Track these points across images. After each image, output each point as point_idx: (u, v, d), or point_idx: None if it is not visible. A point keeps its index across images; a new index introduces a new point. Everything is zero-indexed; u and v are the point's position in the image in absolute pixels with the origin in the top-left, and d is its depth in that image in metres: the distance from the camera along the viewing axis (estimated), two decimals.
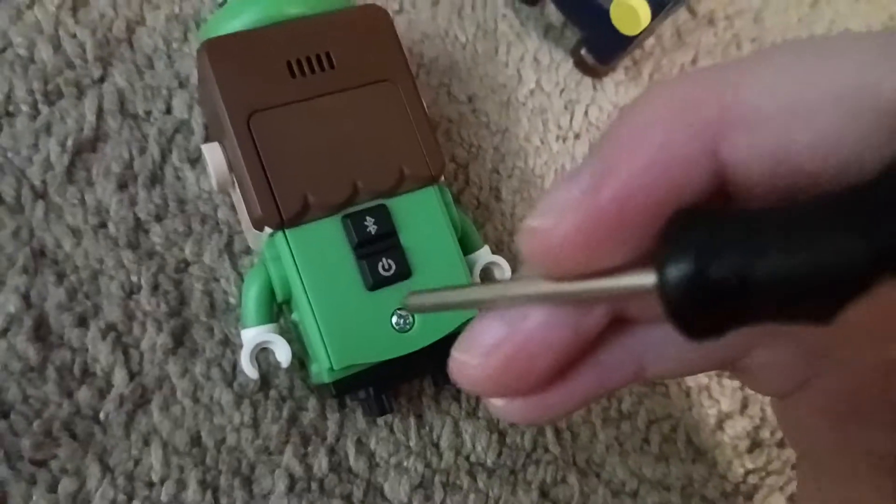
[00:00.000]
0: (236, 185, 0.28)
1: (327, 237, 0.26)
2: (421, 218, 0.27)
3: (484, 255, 0.30)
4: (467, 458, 0.31)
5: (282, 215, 0.26)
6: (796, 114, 0.12)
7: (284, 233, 0.26)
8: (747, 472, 0.37)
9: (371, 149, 0.27)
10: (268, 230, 0.26)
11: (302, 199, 0.26)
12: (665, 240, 0.12)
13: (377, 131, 0.27)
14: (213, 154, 0.27)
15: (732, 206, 0.13)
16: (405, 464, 0.30)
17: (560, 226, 0.13)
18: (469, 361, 0.15)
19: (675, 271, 0.11)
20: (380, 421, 0.30)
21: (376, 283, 0.26)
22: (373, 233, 0.26)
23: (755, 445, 0.37)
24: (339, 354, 0.26)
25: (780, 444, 0.38)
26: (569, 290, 0.14)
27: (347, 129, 0.27)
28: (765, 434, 0.37)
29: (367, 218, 0.26)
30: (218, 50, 0.26)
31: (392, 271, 0.26)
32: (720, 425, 0.37)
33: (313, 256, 0.26)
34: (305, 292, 0.26)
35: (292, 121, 0.26)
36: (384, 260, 0.26)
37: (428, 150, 0.28)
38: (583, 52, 0.38)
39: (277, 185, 0.25)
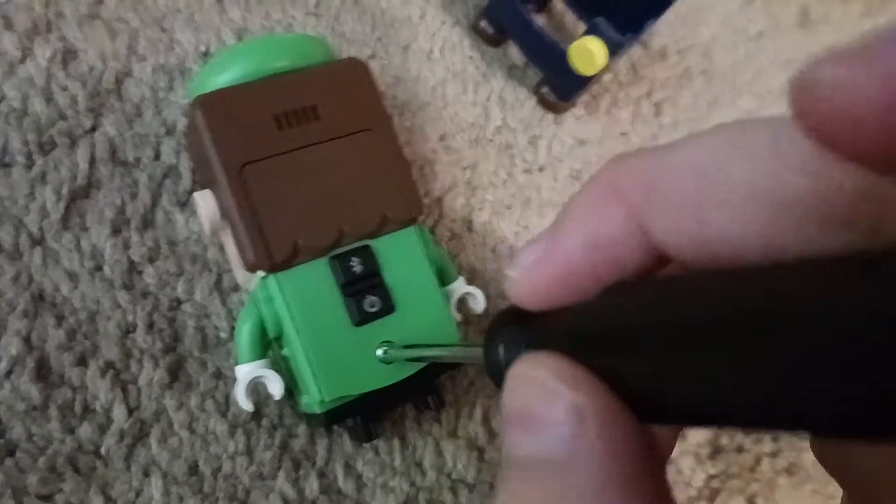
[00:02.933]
0: (228, 228, 0.30)
1: (316, 278, 0.28)
2: (402, 257, 0.30)
3: (459, 286, 0.33)
4: (449, 475, 0.33)
5: (273, 260, 0.28)
6: (709, 202, 0.13)
7: (276, 276, 0.28)
8: (710, 477, 0.39)
9: (355, 194, 0.29)
10: (260, 273, 0.28)
11: (292, 243, 0.28)
12: (487, 332, 0.17)
13: (360, 178, 0.29)
14: (205, 201, 0.29)
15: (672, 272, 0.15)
16: (391, 483, 0.32)
17: (525, 278, 0.16)
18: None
19: (487, 357, 0.17)
20: (366, 444, 0.32)
21: (363, 319, 0.28)
22: (358, 272, 0.28)
23: (716, 452, 0.40)
24: (329, 387, 0.28)
25: (738, 450, 0.40)
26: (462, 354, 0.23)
27: (333, 177, 0.29)
28: (724, 441, 0.40)
29: (353, 259, 0.28)
30: (210, 105, 0.28)
31: (377, 308, 0.28)
32: (683, 434, 0.39)
33: (303, 296, 0.28)
34: (297, 330, 0.28)
35: (282, 171, 0.28)
36: (369, 297, 0.28)
37: (407, 194, 0.30)
38: (544, 90, 0.41)
39: (269, 231, 0.28)
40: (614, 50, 0.37)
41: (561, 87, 0.40)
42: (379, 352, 0.28)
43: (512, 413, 0.14)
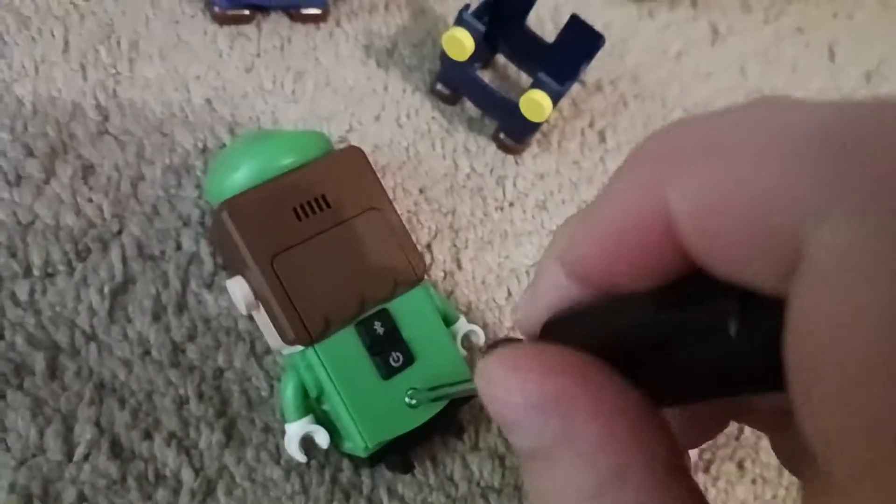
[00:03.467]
0: (260, 307, 0.35)
1: (346, 344, 0.34)
2: (415, 313, 0.35)
3: (462, 325, 0.38)
4: (478, 484, 0.39)
5: (311, 336, 0.33)
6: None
7: (314, 348, 0.33)
8: (702, 451, 0.46)
9: (369, 266, 0.35)
10: (298, 346, 0.34)
11: (324, 319, 0.33)
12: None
13: (371, 251, 0.35)
14: (240, 288, 0.34)
15: None
16: (430, 499, 0.38)
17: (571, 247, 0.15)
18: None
19: None
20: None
21: (389, 373, 0.34)
22: (380, 333, 0.34)
23: None
24: (369, 435, 0.33)
25: None
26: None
27: (349, 254, 0.34)
28: None
29: (375, 322, 0.34)
30: (236, 208, 0.33)
31: (400, 362, 0.34)
32: None
33: (338, 361, 0.33)
34: (337, 392, 0.33)
35: (305, 256, 0.34)
36: (393, 353, 0.34)
37: (412, 258, 0.36)
38: (501, 136, 0.47)
39: (303, 311, 0.33)
40: (557, 98, 0.43)
41: (515, 132, 0.46)
42: (407, 398, 0.34)
43: (490, 412, 0.14)
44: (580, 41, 0.45)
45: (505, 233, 0.46)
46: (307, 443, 0.36)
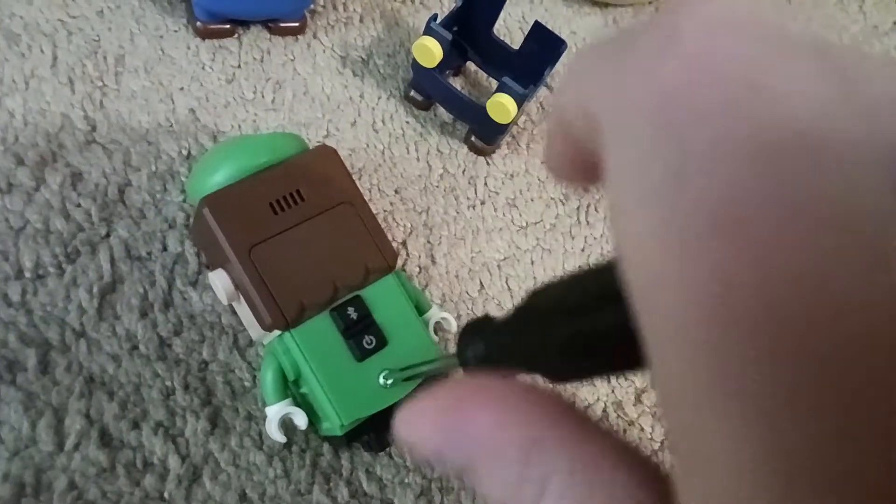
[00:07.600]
0: (241, 298, 0.37)
1: (322, 328, 0.36)
2: (387, 299, 0.37)
3: (434, 313, 0.40)
4: None
5: (287, 320, 0.35)
6: None
7: (291, 332, 0.35)
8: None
9: (342, 256, 0.37)
10: (276, 331, 0.36)
11: (299, 304, 0.35)
12: (458, 339, 0.22)
13: (344, 242, 0.37)
14: (221, 279, 0.36)
15: None
16: (407, 480, 0.40)
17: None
18: None
19: (459, 358, 0.21)
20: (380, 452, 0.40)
21: (363, 355, 0.36)
22: (354, 318, 0.36)
23: None
24: (345, 413, 0.35)
25: None
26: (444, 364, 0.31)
27: (323, 245, 0.36)
28: None
29: (348, 308, 0.36)
30: (216, 203, 0.35)
31: (374, 344, 0.36)
32: (639, 398, 0.48)
33: (314, 345, 0.35)
34: (314, 372, 0.35)
35: (281, 247, 0.36)
36: (366, 336, 0.36)
37: (383, 248, 0.38)
38: (472, 138, 0.49)
39: (280, 298, 0.35)
40: (521, 101, 0.46)
41: (485, 134, 0.49)
42: (380, 378, 0.36)
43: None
44: (543, 47, 0.48)
45: (477, 229, 0.48)
46: (287, 424, 0.38)
